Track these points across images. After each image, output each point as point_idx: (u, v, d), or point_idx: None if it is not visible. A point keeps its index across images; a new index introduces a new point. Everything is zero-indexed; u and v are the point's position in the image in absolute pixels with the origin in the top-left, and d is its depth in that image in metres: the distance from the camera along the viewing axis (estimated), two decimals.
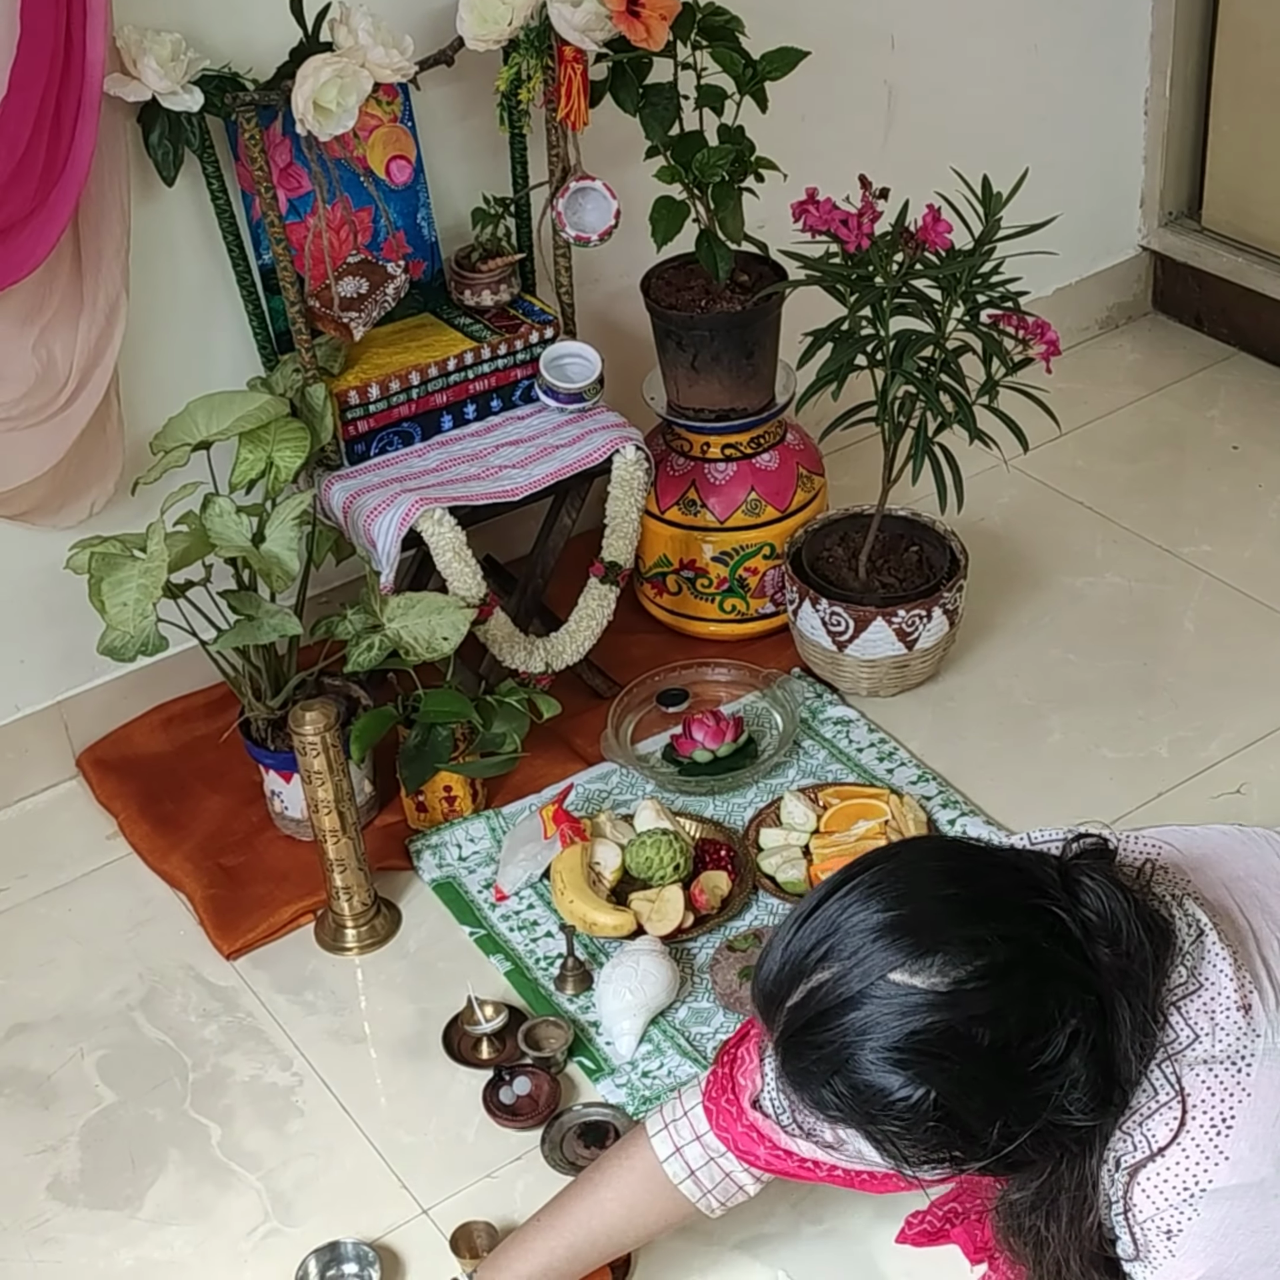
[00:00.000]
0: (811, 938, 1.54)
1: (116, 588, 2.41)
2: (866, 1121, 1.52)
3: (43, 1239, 2.26)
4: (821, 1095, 1.53)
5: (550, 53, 2.59)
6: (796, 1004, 1.54)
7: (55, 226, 2.41)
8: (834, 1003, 1.50)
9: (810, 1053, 1.52)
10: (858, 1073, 1.50)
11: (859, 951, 1.51)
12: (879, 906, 1.52)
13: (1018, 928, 1.52)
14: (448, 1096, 2.38)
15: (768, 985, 1.57)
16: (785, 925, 1.58)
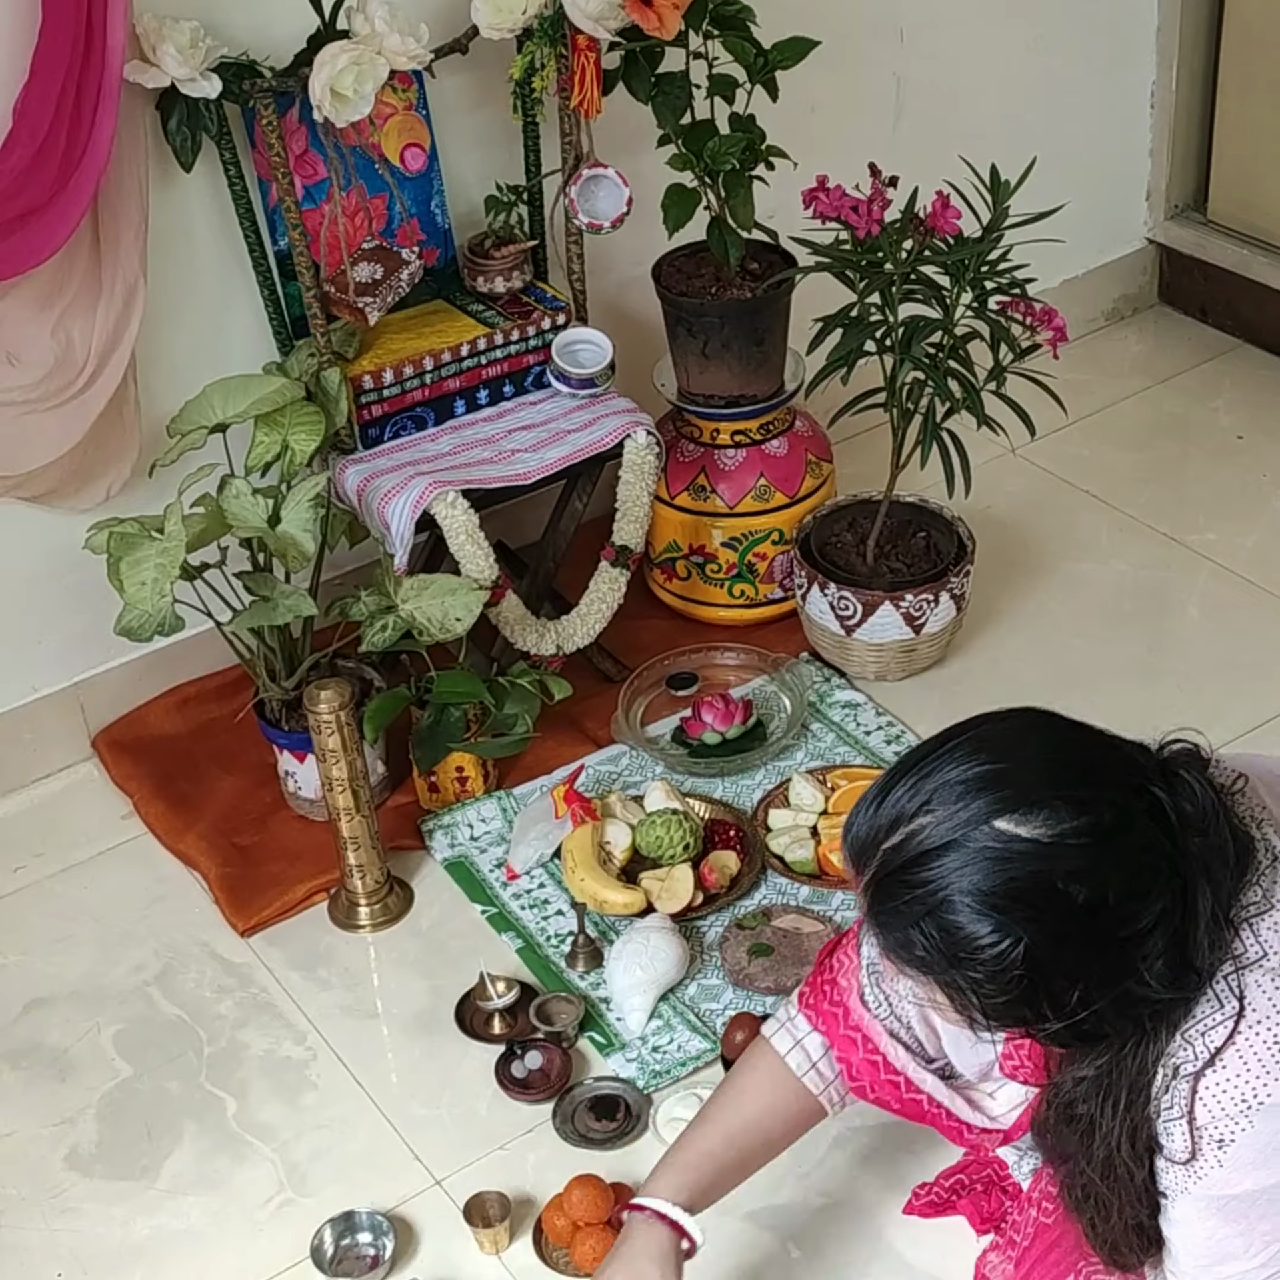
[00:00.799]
0: (914, 786, 1.54)
1: (135, 567, 2.44)
2: (951, 966, 1.52)
3: (60, 1209, 2.29)
4: (909, 935, 1.53)
5: (564, 41, 2.62)
6: (895, 845, 1.53)
7: (75, 212, 2.44)
8: (935, 844, 1.51)
9: (904, 892, 1.52)
10: (950, 914, 1.50)
11: (964, 798, 1.51)
12: (987, 759, 1.53)
13: (1123, 797, 1.53)
14: (460, 1070, 2.41)
15: (863, 830, 1.57)
16: (884, 775, 1.58)
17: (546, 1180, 2.25)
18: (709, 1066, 2.36)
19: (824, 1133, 2.24)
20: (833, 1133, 2.24)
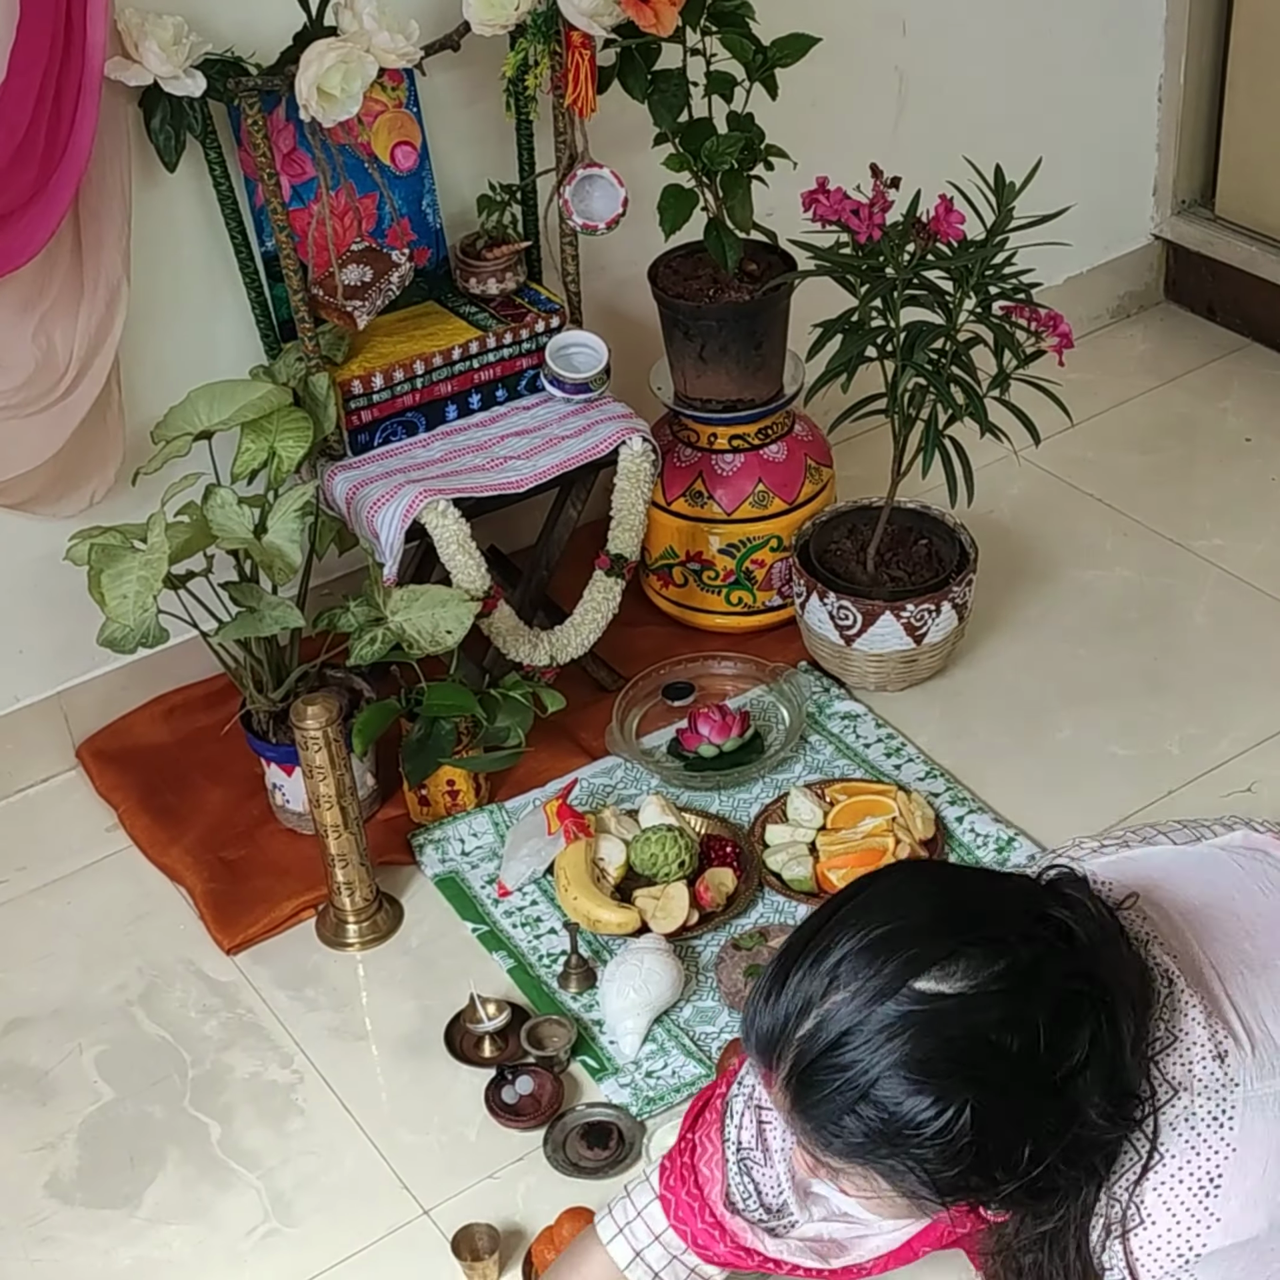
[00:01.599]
0: (813, 967, 1.48)
1: (116, 580, 2.39)
2: (894, 1148, 1.45)
3: (40, 1237, 2.24)
4: (842, 1124, 1.46)
5: (558, 38, 2.56)
6: (809, 1032, 1.47)
7: (55, 212, 2.39)
8: (856, 1021, 1.44)
9: (832, 1078, 1.45)
10: (886, 1093, 1.43)
11: (872, 964, 1.45)
12: (880, 922, 1.47)
13: (1032, 930, 1.48)
14: (449, 1095, 2.36)
15: (767, 1023, 1.50)
16: (776, 963, 1.52)
17: (537, 1210, 2.20)
18: None
19: None
20: None
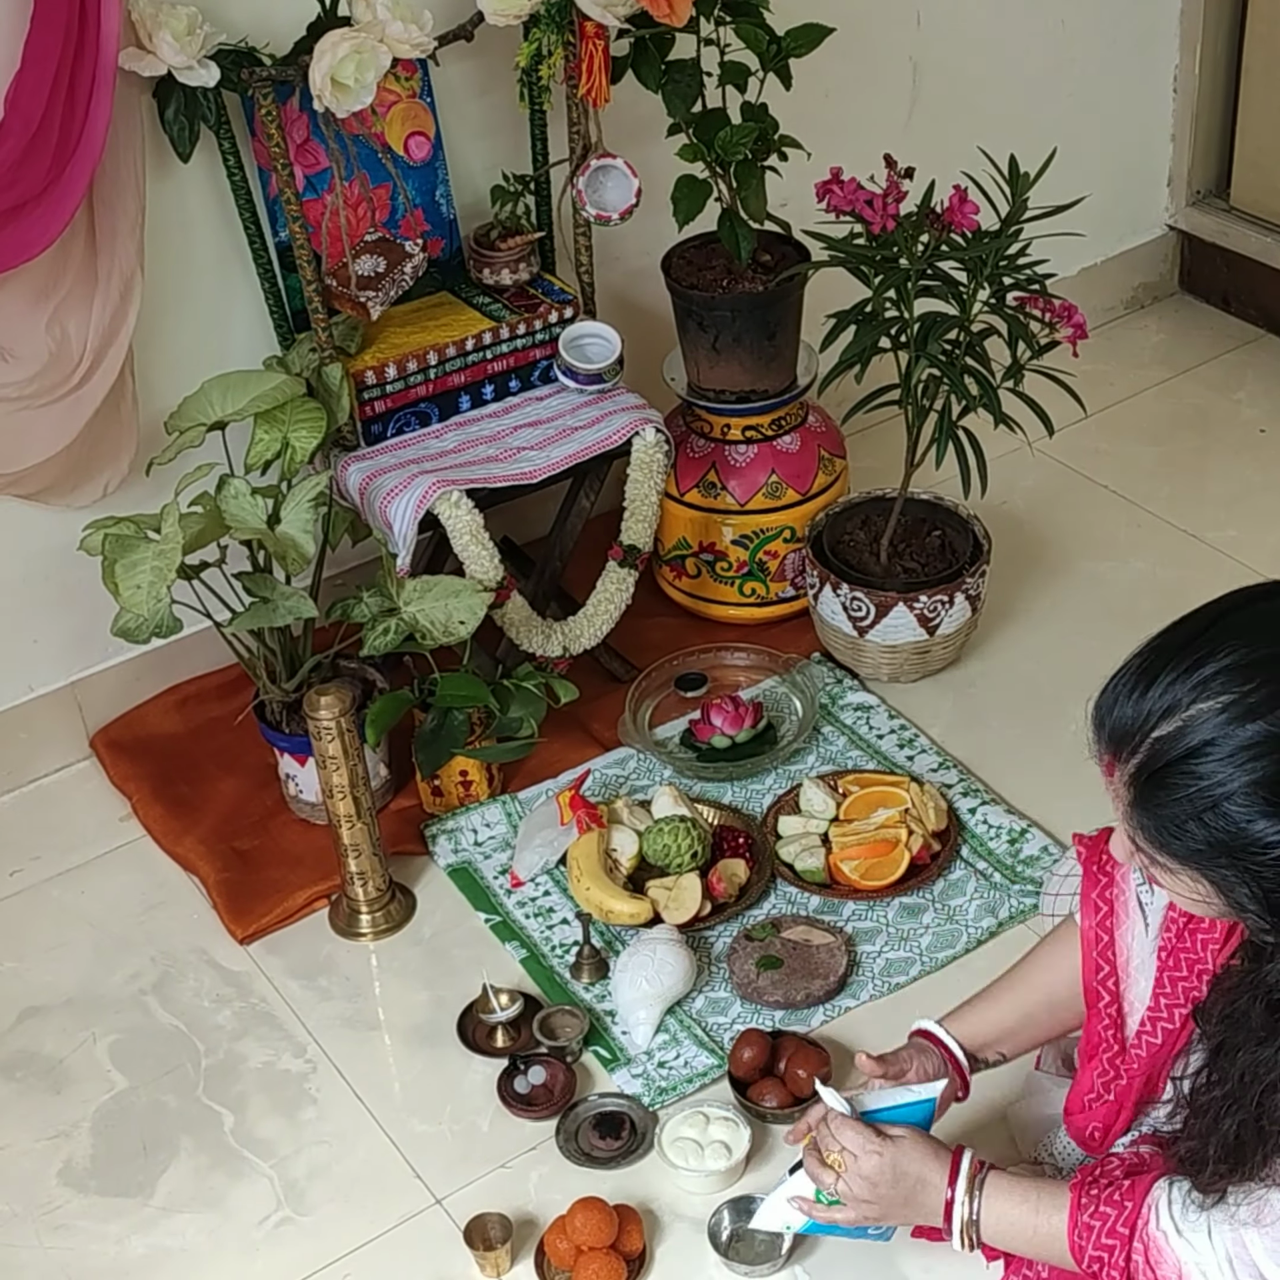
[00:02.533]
0: (1187, 670, 1.47)
1: (130, 570, 2.39)
2: (1232, 859, 1.47)
3: (54, 1226, 2.25)
4: (1186, 828, 1.48)
5: (571, 28, 2.56)
6: (1169, 735, 1.47)
7: (69, 203, 2.39)
8: (1219, 735, 1.45)
9: (1185, 784, 1.46)
10: (1237, 808, 1.45)
11: (1249, 684, 1.45)
12: (1265, 644, 1.46)
13: None
14: (462, 1085, 2.37)
15: (1128, 714, 1.51)
16: (1146, 656, 1.52)
17: (549, 1200, 2.20)
18: (716, 1083, 2.32)
19: None
20: None
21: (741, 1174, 2.21)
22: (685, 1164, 2.19)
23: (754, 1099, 2.27)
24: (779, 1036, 2.32)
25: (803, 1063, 2.26)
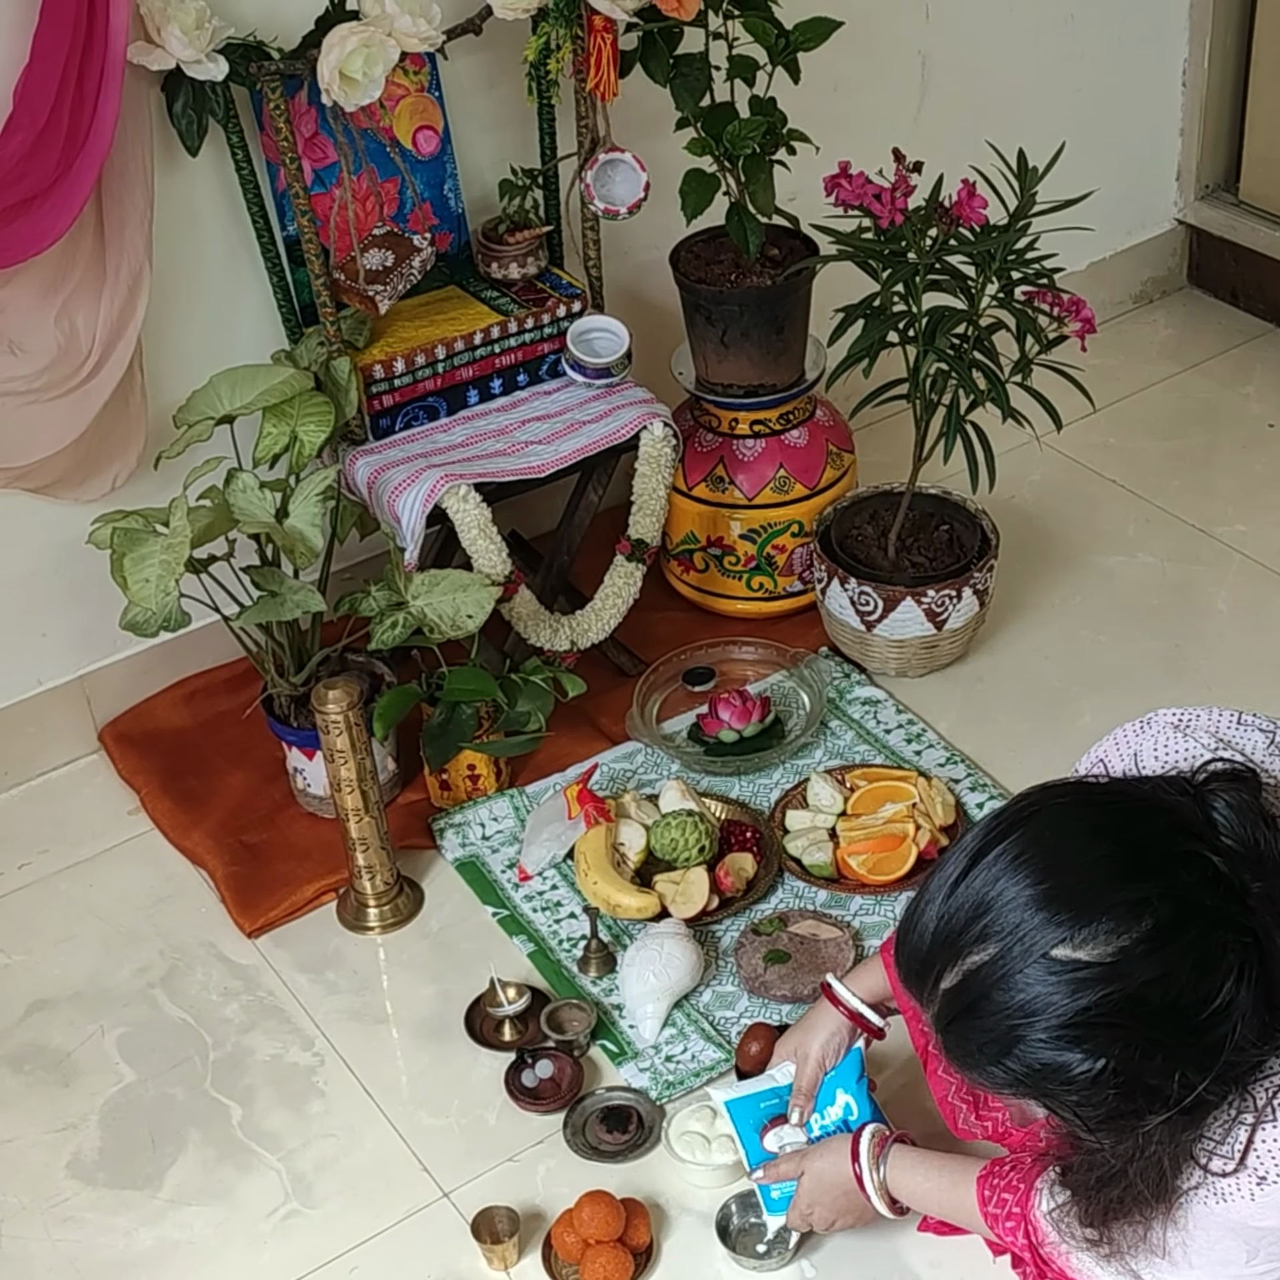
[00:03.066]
0: (962, 915, 1.50)
1: (138, 564, 2.39)
2: (1043, 1095, 1.51)
3: (62, 1218, 2.25)
4: (991, 1073, 1.51)
5: (580, 22, 2.55)
6: (954, 988, 1.51)
7: (78, 197, 2.39)
8: (996, 985, 1.47)
9: (976, 1036, 1.50)
10: (1030, 1052, 1.47)
11: (1018, 929, 1.47)
12: (1030, 878, 1.48)
13: (1174, 880, 1.47)
14: (469, 1079, 2.37)
15: (916, 965, 1.55)
16: (927, 897, 1.54)
17: (556, 1193, 2.21)
18: (723, 1077, 2.32)
19: None
20: None
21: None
22: (692, 1158, 2.19)
23: None
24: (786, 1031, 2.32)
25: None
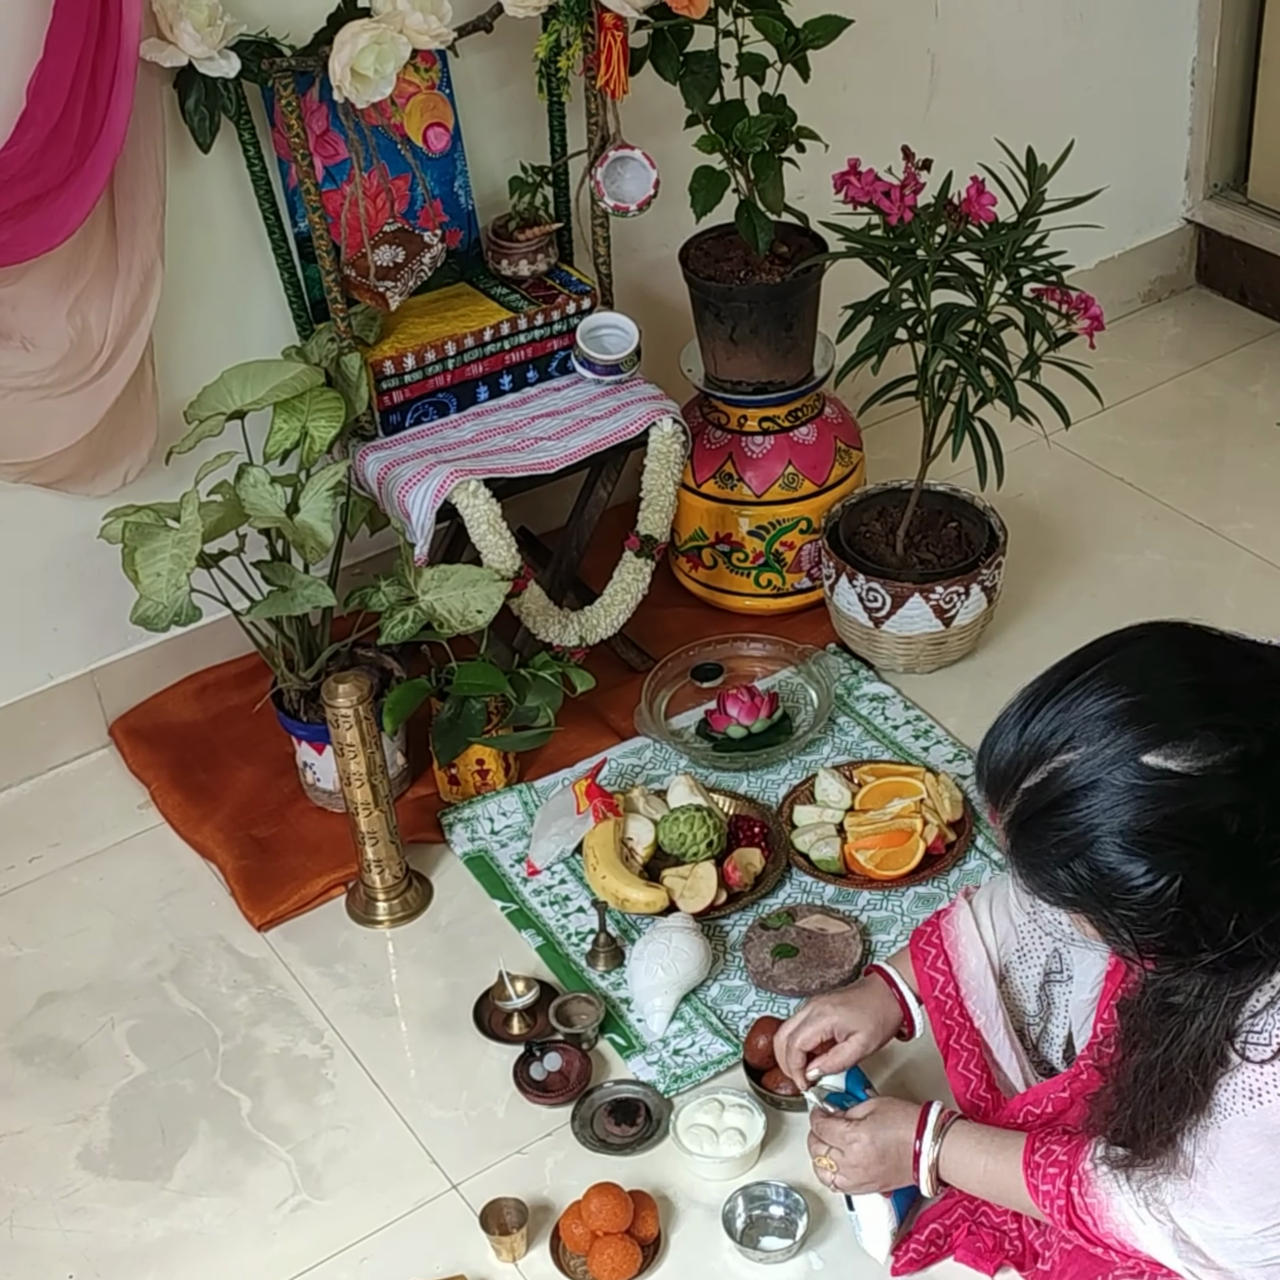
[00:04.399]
0: (1054, 720, 1.52)
1: (150, 558, 2.40)
2: (1103, 905, 1.52)
3: (72, 1208, 2.26)
4: (1056, 876, 1.52)
5: (590, 19, 2.56)
6: (1036, 785, 1.52)
7: (91, 192, 2.40)
8: (1081, 784, 1.49)
9: (1051, 835, 1.51)
10: (1101, 856, 1.49)
11: (1109, 733, 1.49)
12: (1127, 690, 1.50)
13: (1269, 719, 1.50)
14: (478, 1071, 2.38)
15: (1000, 765, 1.56)
16: (1019, 705, 1.56)
17: (565, 1186, 2.22)
18: (731, 1070, 2.33)
19: None
20: None
21: (756, 1161, 2.22)
22: (700, 1150, 2.20)
23: (769, 1086, 2.27)
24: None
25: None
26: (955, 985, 2.06)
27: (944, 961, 2.08)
